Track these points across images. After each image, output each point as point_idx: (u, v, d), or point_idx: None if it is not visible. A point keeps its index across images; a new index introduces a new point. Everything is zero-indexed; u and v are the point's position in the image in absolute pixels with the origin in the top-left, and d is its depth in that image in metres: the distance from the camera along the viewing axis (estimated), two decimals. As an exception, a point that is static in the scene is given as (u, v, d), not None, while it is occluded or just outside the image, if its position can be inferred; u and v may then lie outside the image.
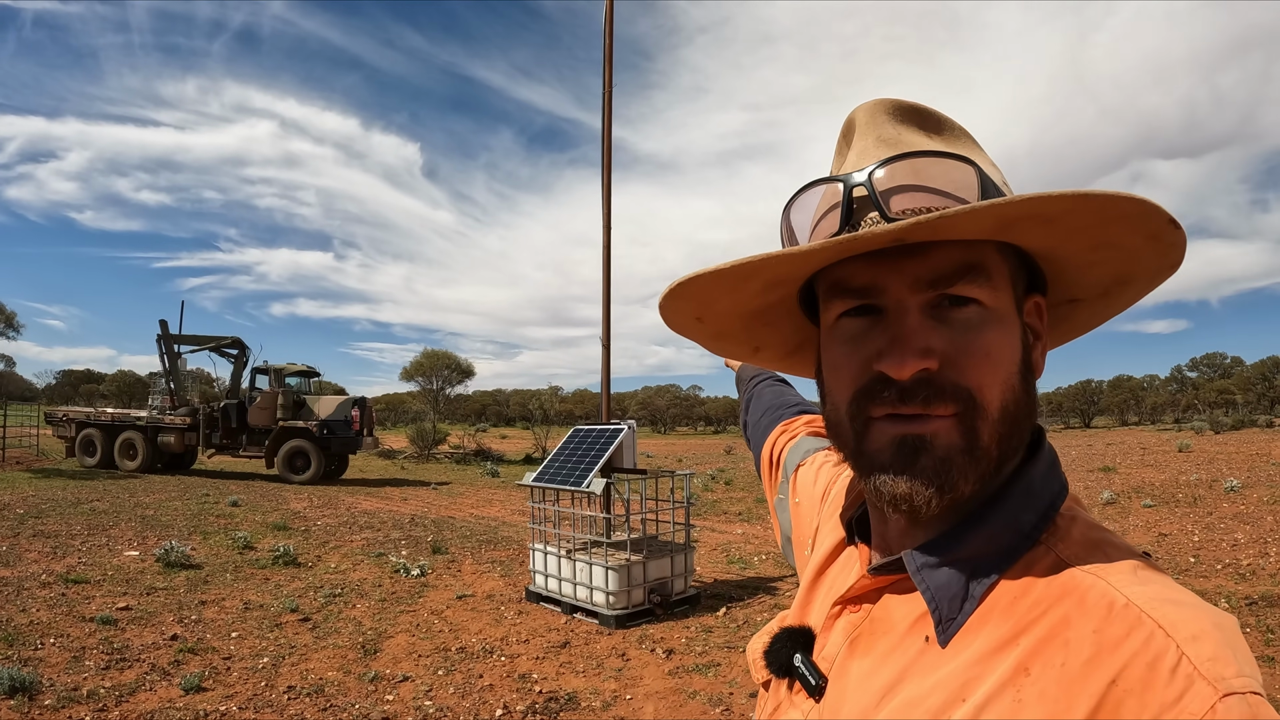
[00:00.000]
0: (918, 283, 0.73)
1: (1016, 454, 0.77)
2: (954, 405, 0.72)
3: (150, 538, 11.64)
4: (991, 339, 0.73)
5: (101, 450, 24.04)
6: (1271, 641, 6.81)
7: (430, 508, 17.18)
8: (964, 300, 0.73)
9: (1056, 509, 0.77)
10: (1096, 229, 0.71)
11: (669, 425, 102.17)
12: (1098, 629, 0.63)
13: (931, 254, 0.73)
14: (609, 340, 9.59)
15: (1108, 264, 0.78)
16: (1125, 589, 0.65)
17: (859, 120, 0.85)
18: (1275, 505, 13.57)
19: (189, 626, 7.28)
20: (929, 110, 0.84)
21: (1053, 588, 0.69)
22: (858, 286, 0.76)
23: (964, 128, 0.85)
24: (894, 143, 0.80)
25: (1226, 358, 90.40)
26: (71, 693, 5.48)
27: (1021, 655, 0.66)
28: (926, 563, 0.75)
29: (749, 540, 13.27)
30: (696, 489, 20.42)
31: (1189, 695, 0.57)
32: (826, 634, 0.85)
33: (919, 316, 0.73)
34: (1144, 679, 0.59)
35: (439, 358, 40.39)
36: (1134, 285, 0.81)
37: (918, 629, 0.75)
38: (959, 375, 0.72)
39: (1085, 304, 0.87)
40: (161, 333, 25.24)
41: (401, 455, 34.63)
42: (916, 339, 0.72)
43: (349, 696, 5.73)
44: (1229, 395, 77.65)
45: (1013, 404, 0.74)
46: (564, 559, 8.40)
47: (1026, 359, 0.78)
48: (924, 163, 0.76)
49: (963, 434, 0.72)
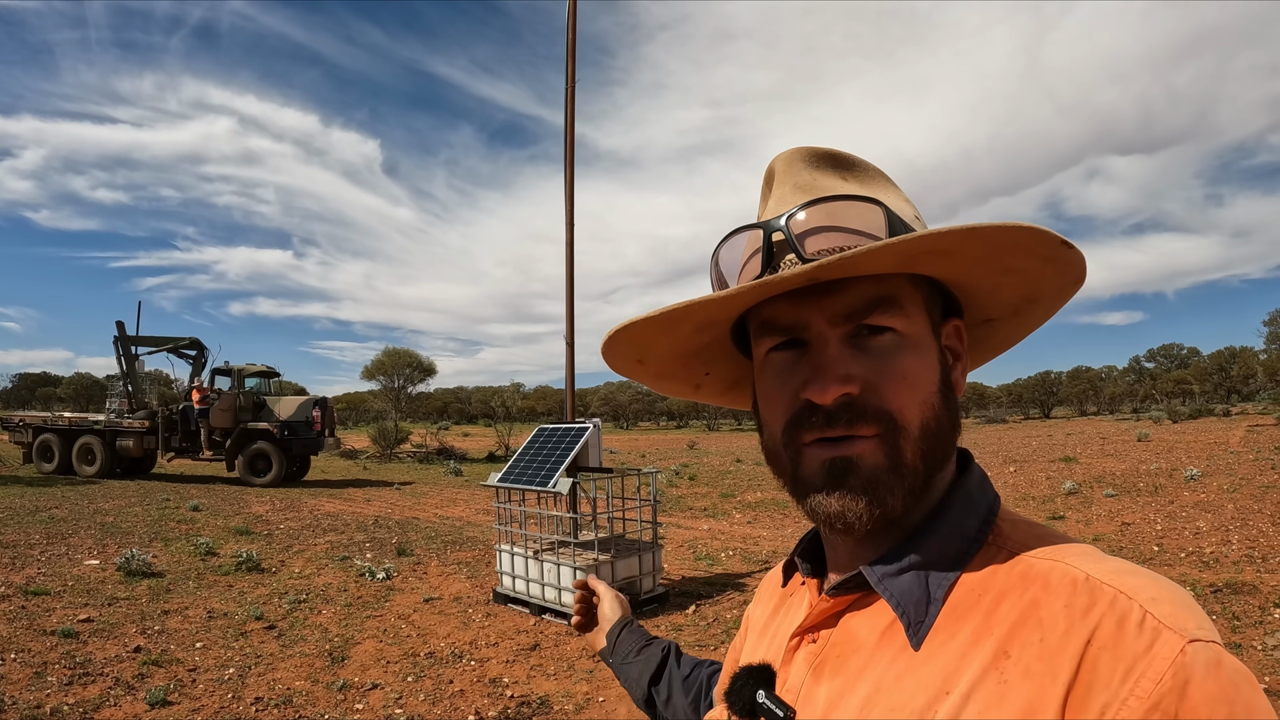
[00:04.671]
0: (835, 317, 0.80)
1: (943, 467, 0.84)
2: (876, 426, 0.78)
3: (111, 546, 11.46)
4: (908, 363, 0.80)
5: (59, 456, 23.59)
6: (1238, 628, 6.93)
7: (394, 509, 17.06)
8: (880, 329, 0.80)
9: (995, 514, 0.84)
10: (994, 257, 0.78)
11: (631, 421, 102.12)
12: (1068, 603, 0.68)
13: (847, 290, 0.79)
14: (573, 338, 9.58)
15: (1014, 287, 0.85)
16: (1084, 567, 0.71)
17: (777, 169, 0.91)
18: (1235, 493, 13.84)
19: (152, 638, 7.19)
20: (843, 155, 0.90)
21: (1012, 576, 0.75)
22: (783, 324, 0.83)
23: (878, 169, 0.92)
24: (809, 188, 0.86)
25: (1183, 349, 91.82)
26: (34, 710, 5.40)
27: (998, 641, 0.70)
28: (886, 572, 0.80)
29: (715, 536, 13.32)
30: (661, 485, 20.44)
31: (1158, 644, 0.63)
32: (787, 668, 0.88)
33: (839, 346, 0.80)
34: (1114, 635, 0.64)
35: (400, 356, 40.15)
36: (1042, 303, 0.89)
37: (888, 639, 0.78)
38: (879, 399, 0.78)
39: (1000, 323, 0.94)
40: (119, 334, 24.80)
41: (364, 455, 34.36)
42: (837, 367, 0.79)
43: (318, 707, 5.69)
44: (1186, 385, 79.02)
45: (933, 421, 0.80)
46: (531, 560, 8.39)
47: (946, 379, 0.84)
48: (837, 206, 0.82)
49: (886, 453, 0.78)
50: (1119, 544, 10.81)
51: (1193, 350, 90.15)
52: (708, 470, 25.14)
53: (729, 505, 17.14)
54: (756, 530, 13.96)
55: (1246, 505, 12.63)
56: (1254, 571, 8.75)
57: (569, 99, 9.86)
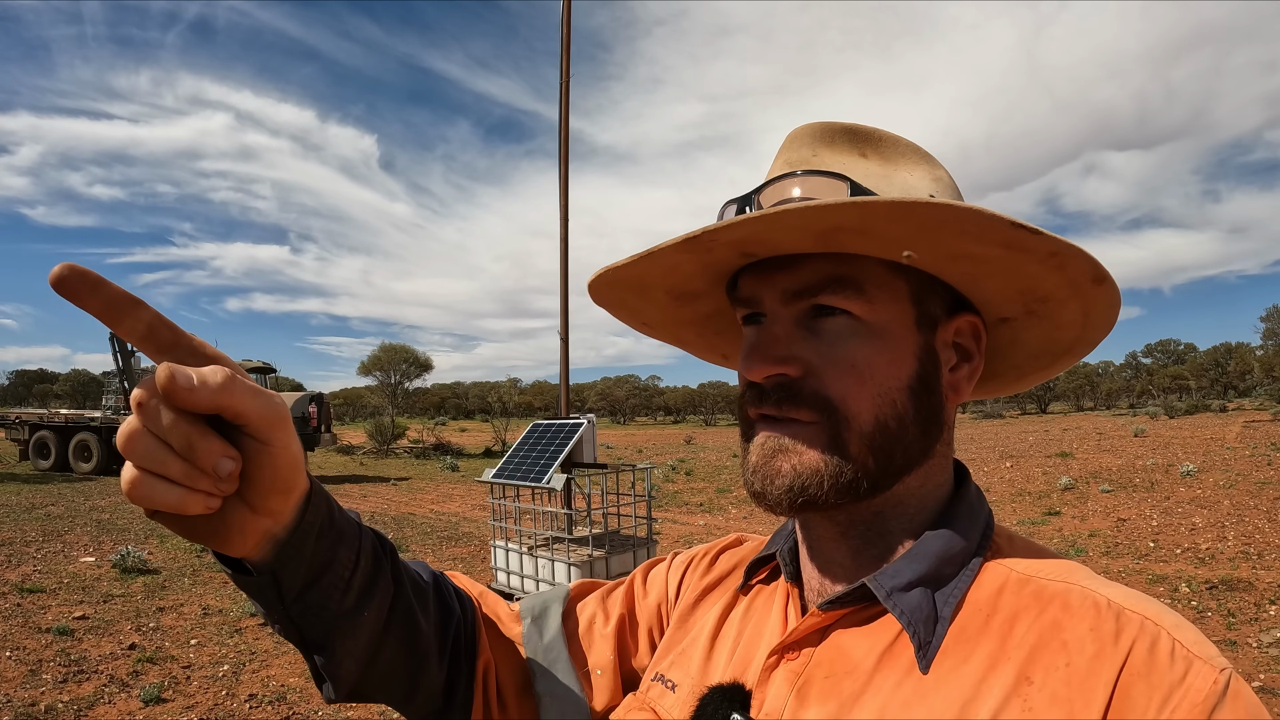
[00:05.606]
0: (785, 293, 0.77)
1: (908, 471, 0.78)
2: (813, 413, 0.74)
3: (106, 543, 11.48)
4: (859, 351, 0.75)
5: (56, 453, 23.60)
6: (1233, 625, 6.95)
7: (390, 504, 17.09)
8: (832, 310, 0.75)
9: (993, 528, 0.81)
10: (925, 240, 0.69)
11: (628, 416, 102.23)
12: (1093, 627, 0.67)
13: (800, 267, 0.75)
14: (567, 334, 9.56)
15: (991, 277, 0.75)
16: (1100, 590, 0.70)
17: (782, 144, 0.86)
18: (1231, 490, 13.87)
19: (147, 635, 7.20)
20: (866, 130, 0.83)
21: (1023, 597, 0.72)
22: (743, 297, 0.81)
23: (910, 144, 0.83)
24: (800, 163, 0.81)
25: (1180, 344, 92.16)
26: (29, 708, 5.40)
27: (1019, 665, 0.67)
28: (895, 585, 0.75)
29: (711, 532, 13.32)
30: (657, 480, 20.44)
31: (1192, 673, 0.62)
32: (764, 688, 0.80)
33: (788, 326, 0.77)
34: (1147, 662, 0.63)
35: (397, 351, 40.18)
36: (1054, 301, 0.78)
37: (890, 661, 0.73)
38: (820, 384, 0.75)
39: (1018, 324, 0.84)
40: (114, 331, 24.81)
41: (360, 451, 34.38)
42: (777, 346, 0.76)
43: (311, 704, 5.70)
44: (1182, 381, 79.13)
45: (892, 420, 0.75)
46: (526, 556, 8.39)
47: (924, 377, 0.78)
48: (810, 180, 0.77)
49: (825, 442, 0.74)
50: (1115, 540, 10.83)
51: (1189, 346, 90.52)
52: (704, 465, 25.14)
53: (725, 501, 17.15)
54: (752, 526, 13.88)
55: (1242, 501, 12.66)
56: (1249, 568, 8.77)
57: (563, 94, 9.84)
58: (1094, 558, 9.97)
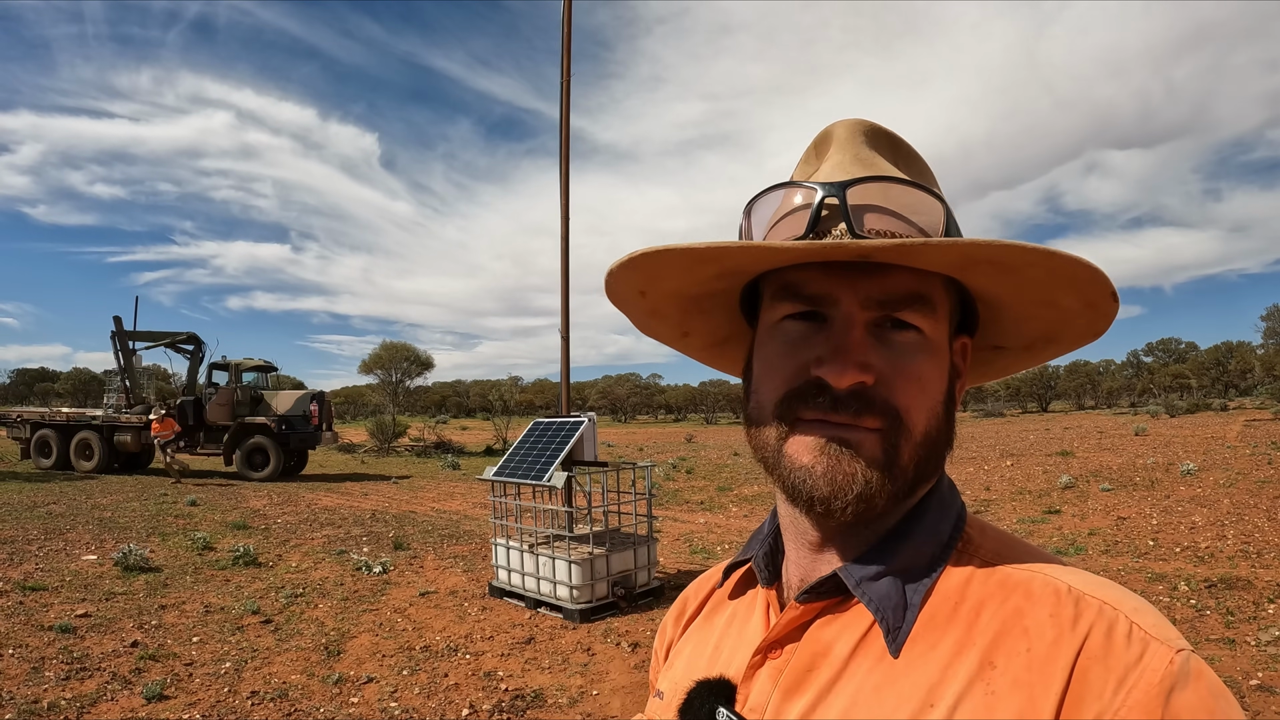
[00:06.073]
0: (869, 300, 0.76)
1: (930, 479, 0.82)
2: (881, 420, 0.75)
3: (108, 541, 11.49)
4: (925, 366, 0.77)
5: (57, 451, 23.64)
6: (1232, 624, 6.94)
7: (391, 503, 17.09)
8: (905, 325, 0.76)
9: (965, 520, 0.83)
10: (1045, 286, 0.74)
11: (629, 414, 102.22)
12: (1053, 613, 0.69)
13: (888, 276, 0.75)
14: (568, 332, 9.57)
15: (1041, 320, 0.82)
16: (1062, 577, 0.72)
17: (837, 136, 0.85)
18: (1231, 488, 13.87)
19: (149, 632, 7.21)
20: (901, 140, 0.85)
21: (989, 585, 0.74)
22: (809, 294, 0.78)
23: (926, 164, 0.86)
24: (869, 164, 0.81)
25: (1181, 343, 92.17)
26: (32, 705, 5.41)
27: (982, 651, 0.69)
28: (864, 575, 0.77)
29: (711, 530, 13.34)
30: (658, 478, 20.47)
31: (1148, 654, 0.64)
32: (749, 684, 0.82)
33: (863, 332, 0.76)
34: (1104, 645, 0.65)
35: (398, 350, 40.15)
36: (1057, 345, 0.86)
37: (863, 649, 0.75)
38: (890, 394, 0.75)
39: (1007, 353, 0.91)
40: (116, 329, 24.82)
41: (361, 449, 34.37)
42: (859, 352, 0.74)
43: (313, 700, 5.71)
44: (1183, 379, 79.19)
45: (935, 430, 0.78)
46: (526, 553, 8.40)
47: (951, 391, 0.82)
48: (897, 189, 0.77)
49: (885, 449, 0.75)
50: (1114, 538, 10.83)
51: (1190, 345, 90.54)
52: (705, 464, 25.15)
53: (725, 499, 17.16)
54: (753, 524, 13.88)
55: (1242, 500, 12.65)
56: (1249, 566, 8.77)
57: (564, 93, 9.85)
58: (1094, 556, 9.97)
